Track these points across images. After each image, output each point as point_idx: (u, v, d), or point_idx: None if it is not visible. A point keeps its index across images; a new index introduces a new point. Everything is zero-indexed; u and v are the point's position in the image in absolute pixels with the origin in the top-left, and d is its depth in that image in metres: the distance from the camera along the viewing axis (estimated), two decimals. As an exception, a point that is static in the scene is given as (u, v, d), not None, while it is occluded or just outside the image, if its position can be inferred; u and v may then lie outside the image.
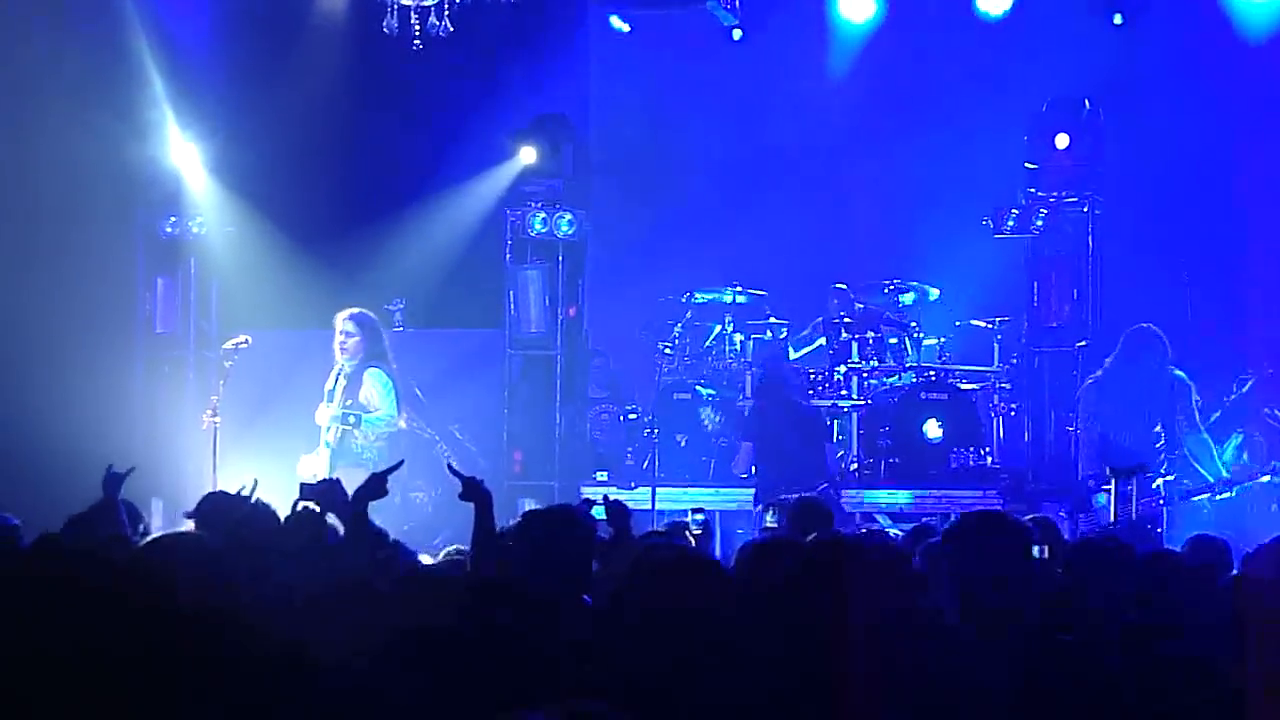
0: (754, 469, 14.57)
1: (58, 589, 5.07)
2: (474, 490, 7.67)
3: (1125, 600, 6.32)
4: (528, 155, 15.76)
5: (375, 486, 7.42)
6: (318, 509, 7.42)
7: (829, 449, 14.32)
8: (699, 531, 9.72)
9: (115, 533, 8.06)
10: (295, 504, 7.53)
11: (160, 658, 4.89)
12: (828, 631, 5.16)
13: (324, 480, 7.89)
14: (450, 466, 8.03)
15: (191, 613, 5.27)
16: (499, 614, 5.82)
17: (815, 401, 15.00)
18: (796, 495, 11.42)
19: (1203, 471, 13.02)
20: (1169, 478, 12.80)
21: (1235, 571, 7.47)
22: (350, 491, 7.61)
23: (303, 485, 7.69)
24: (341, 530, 7.48)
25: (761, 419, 14.40)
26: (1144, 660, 5.32)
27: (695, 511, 9.44)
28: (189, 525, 9.05)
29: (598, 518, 7.86)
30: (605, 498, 8.27)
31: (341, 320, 13.65)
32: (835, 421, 15.27)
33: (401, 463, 8.15)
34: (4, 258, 15.48)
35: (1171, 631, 5.62)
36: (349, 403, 13.47)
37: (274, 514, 7.56)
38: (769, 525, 10.03)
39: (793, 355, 15.88)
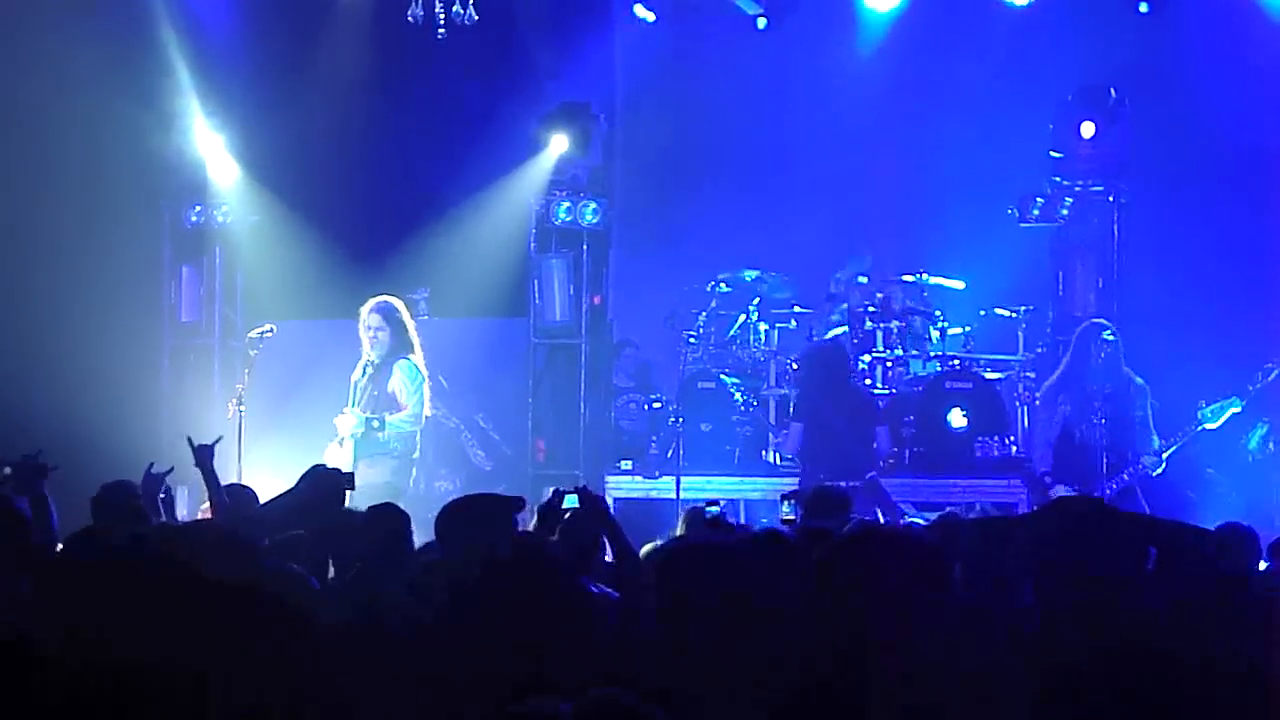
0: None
1: (93, 578, 5.12)
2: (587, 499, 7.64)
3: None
4: (557, 145, 15.75)
5: None
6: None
7: (880, 434, 14.09)
8: (715, 521, 9.71)
9: (142, 523, 8.15)
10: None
11: (188, 645, 4.93)
12: (854, 622, 5.15)
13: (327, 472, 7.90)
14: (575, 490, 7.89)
15: (217, 601, 5.30)
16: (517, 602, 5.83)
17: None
18: (844, 483, 11.43)
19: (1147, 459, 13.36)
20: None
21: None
22: (371, 484, 7.66)
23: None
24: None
25: (812, 402, 14.16)
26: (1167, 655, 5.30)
27: (710, 503, 9.40)
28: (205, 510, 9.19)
29: (569, 507, 7.73)
30: (580, 488, 8.01)
31: (366, 313, 13.50)
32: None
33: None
34: (30, 247, 15.53)
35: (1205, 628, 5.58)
36: (375, 392, 13.41)
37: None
38: (785, 516, 10.02)
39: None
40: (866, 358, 15.36)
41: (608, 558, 7.72)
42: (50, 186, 15.69)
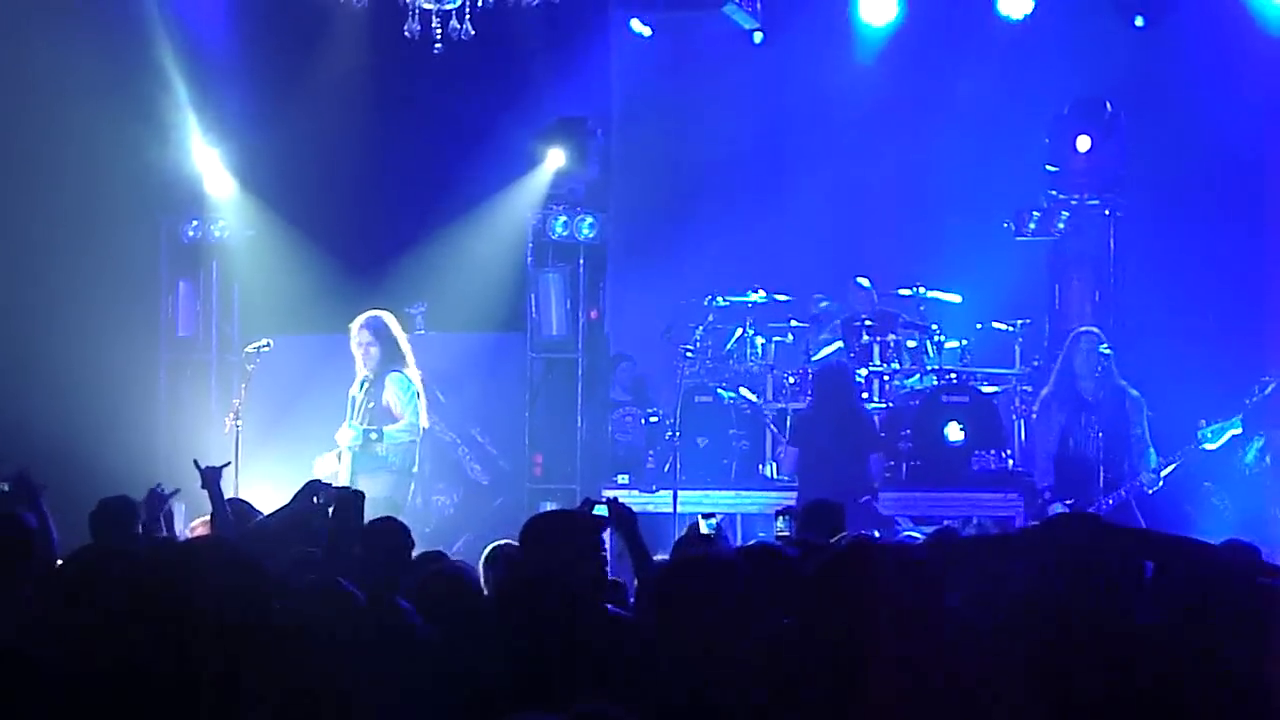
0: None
1: (96, 593, 5.13)
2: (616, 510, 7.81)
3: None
4: (554, 159, 15.75)
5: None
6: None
7: (874, 460, 14.09)
8: (711, 535, 9.71)
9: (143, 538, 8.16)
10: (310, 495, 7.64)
11: (187, 664, 4.93)
12: (849, 637, 5.15)
13: (342, 489, 7.93)
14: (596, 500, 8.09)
15: (217, 619, 5.30)
16: (517, 619, 5.84)
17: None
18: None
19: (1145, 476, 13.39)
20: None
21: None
22: (370, 498, 7.67)
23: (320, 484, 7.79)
24: None
25: (809, 425, 14.19)
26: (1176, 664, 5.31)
27: (706, 516, 9.42)
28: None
29: (599, 515, 7.84)
30: (610, 499, 8.15)
31: (356, 329, 13.58)
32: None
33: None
34: (27, 261, 15.52)
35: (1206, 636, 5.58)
36: (371, 405, 13.46)
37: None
38: (780, 532, 10.02)
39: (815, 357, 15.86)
40: (863, 371, 15.36)
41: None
42: (46, 200, 15.68)
